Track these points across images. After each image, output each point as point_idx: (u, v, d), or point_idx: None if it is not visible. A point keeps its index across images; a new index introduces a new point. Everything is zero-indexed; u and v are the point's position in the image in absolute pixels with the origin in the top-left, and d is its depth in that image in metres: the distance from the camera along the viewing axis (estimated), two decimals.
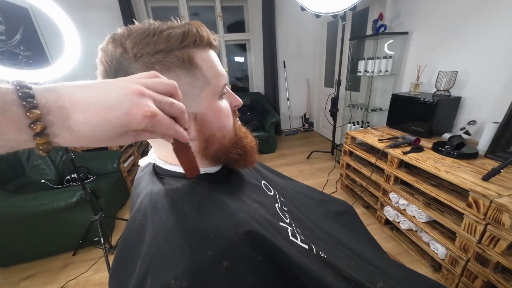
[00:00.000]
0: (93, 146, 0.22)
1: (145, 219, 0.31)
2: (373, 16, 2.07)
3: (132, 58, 0.29)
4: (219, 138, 0.36)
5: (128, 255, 0.31)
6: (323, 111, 3.35)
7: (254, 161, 0.42)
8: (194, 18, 3.26)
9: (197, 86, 0.33)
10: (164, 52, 0.30)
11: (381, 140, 1.54)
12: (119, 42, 0.29)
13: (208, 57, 0.34)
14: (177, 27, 0.31)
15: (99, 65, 0.31)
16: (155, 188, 0.34)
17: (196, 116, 0.34)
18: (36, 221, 1.36)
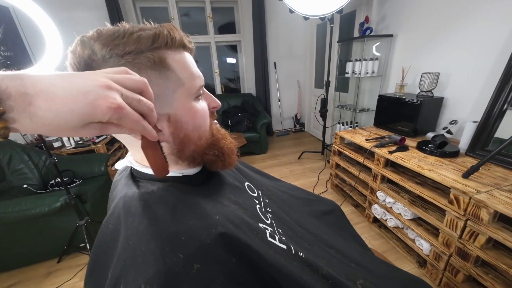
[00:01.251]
0: (56, 136, 0.22)
1: (118, 223, 0.30)
2: (360, 19, 2.12)
3: (100, 60, 0.29)
4: (194, 139, 0.36)
5: (102, 260, 0.31)
6: (313, 111, 3.40)
7: (233, 163, 0.42)
8: (184, 19, 3.23)
9: (169, 87, 0.33)
10: (134, 53, 0.29)
11: (368, 140, 1.58)
12: (88, 44, 0.29)
13: (181, 59, 0.34)
14: (148, 29, 0.31)
15: (69, 68, 0.31)
16: (129, 191, 0.33)
17: (170, 117, 0.33)
18: (18, 228, 1.31)
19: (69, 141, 2.10)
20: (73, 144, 2.11)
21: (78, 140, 2.17)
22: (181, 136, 0.35)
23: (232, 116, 3.06)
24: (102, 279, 0.29)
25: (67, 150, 2.05)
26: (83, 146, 2.10)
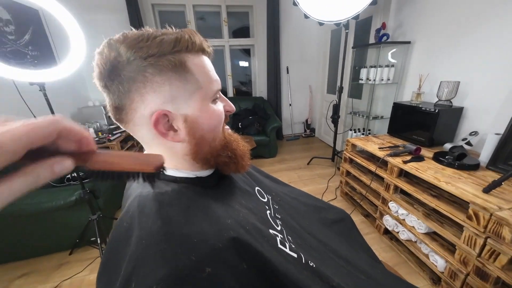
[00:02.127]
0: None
1: (132, 222, 0.31)
2: (376, 25, 2.09)
3: (125, 62, 0.30)
4: (209, 140, 0.37)
5: (114, 257, 0.31)
6: (325, 117, 3.36)
7: (246, 166, 0.42)
8: (200, 23, 3.31)
9: (188, 89, 0.34)
10: (156, 56, 0.31)
11: (382, 148, 1.53)
12: (114, 47, 0.30)
13: (200, 62, 0.35)
14: (170, 34, 0.32)
15: (95, 68, 0.32)
16: (144, 191, 0.34)
17: (187, 117, 0.34)
18: (34, 220, 1.37)
19: None
20: None
21: (94, 137, 2.25)
22: (197, 137, 0.35)
23: (242, 119, 3.08)
24: (114, 275, 0.30)
25: None
26: (99, 143, 2.18)
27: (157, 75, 0.31)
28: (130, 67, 0.30)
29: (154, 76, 0.31)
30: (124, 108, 0.33)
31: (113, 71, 0.31)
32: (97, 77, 0.32)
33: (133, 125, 0.34)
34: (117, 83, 0.31)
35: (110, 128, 2.50)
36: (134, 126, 0.35)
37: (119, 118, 0.35)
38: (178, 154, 0.37)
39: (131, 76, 0.31)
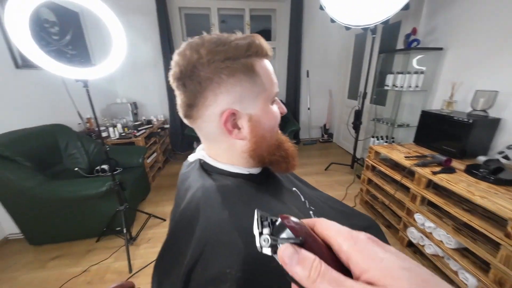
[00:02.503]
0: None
1: (196, 211, 0.33)
2: (405, 30, 2.03)
3: (206, 64, 0.33)
4: (267, 139, 0.39)
5: (177, 242, 0.34)
6: (344, 123, 3.29)
7: (295, 166, 0.44)
8: (222, 25, 3.39)
9: (254, 91, 0.36)
10: (232, 59, 0.33)
11: (408, 157, 1.48)
12: (196, 49, 0.33)
13: (265, 66, 0.37)
14: (242, 39, 0.34)
15: (175, 67, 0.35)
16: (206, 183, 0.36)
17: (251, 117, 0.37)
18: (68, 206, 1.47)
19: (114, 132, 2.31)
20: (117, 135, 2.31)
21: (121, 132, 2.37)
22: (258, 135, 0.38)
23: None
24: (177, 256, 0.33)
25: (112, 140, 2.26)
26: (125, 138, 2.30)
27: (231, 77, 0.34)
28: (209, 68, 0.33)
29: (228, 78, 0.34)
30: (197, 106, 0.36)
31: (194, 72, 0.34)
32: (176, 76, 0.35)
33: (202, 122, 0.37)
34: (195, 83, 0.34)
35: (135, 125, 2.62)
36: (203, 122, 0.37)
37: (189, 114, 0.38)
38: (237, 150, 0.39)
39: (209, 76, 0.33)
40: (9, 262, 1.47)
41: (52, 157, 1.71)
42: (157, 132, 2.79)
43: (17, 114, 1.66)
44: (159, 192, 2.32)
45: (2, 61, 1.58)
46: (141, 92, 3.18)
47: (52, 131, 1.77)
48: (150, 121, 2.88)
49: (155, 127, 2.79)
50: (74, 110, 2.15)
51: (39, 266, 1.43)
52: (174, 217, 0.42)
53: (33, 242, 1.59)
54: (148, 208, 2.00)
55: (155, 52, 3.02)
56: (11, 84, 1.63)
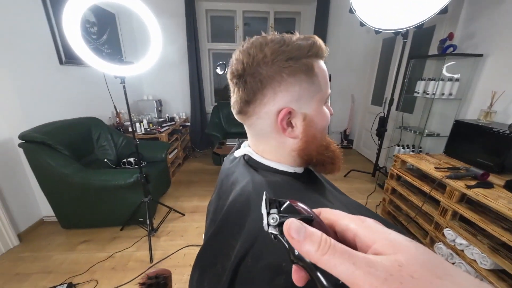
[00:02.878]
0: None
1: (247, 203, 0.34)
2: (440, 35, 1.93)
3: (270, 62, 0.34)
4: (318, 139, 0.40)
5: (224, 235, 0.35)
6: (366, 129, 3.19)
7: (340, 167, 0.44)
8: (245, 28, 3.44)
9: (311, 91, 0.37)
10: (294, 59, 0.34)
11: (439, 168, 1.40)
12: (260, 48, 0.35)
13: (322, 67, 0.38)
14: (304, 39, 0.35)
15: (237, 64, 0.36)
16: (255, 178, 0.37)
17: (306, 116, 0.37)
18: (98, 194, 1.56)
19: (140, 127, 2.43)
20: (143, 131, 2.43)
21: (146, 128, 2.49)
22: (310, 135, 0.38)
23: None
24: (224, 247, 0.34)
25: (138, 135, 2.37)
26: (150, 133, 2.40)
27: (291, 76, 0.35)
28: (272, 67, 0.34)
29: (289, 77, 0.35)
30: (254, 103, 0.37)
31: (257, 70, 0.35)
32: (238, 73, 0.36)
33: (257, 118, 0.38)
34: (257, 80, 0.35)
35: (159, 121, 2.73)
36: (258, 119, 0.38)
37: (244, 110, 0.39)
38: (286, 148, 0.40)
39: (271, 75, 0.35)
40: (44, 242, 1.59)
41: (85, 148, 1.83)
42: (179, 129, 2.89)
43: (59, 106, 1.81)
44: (178, 187, 2.39)
45: (49, 58, 1.73)
46: (165, 90, 3.31)
47: (87, 123, 1.90)
48: (173, 119, 2.98)
49: (177, 125, 2.89)
50: (106, 104, 2.30)
51: (70, 248, 1.54)
52: (217, 209, 0.44)
53: (65, 225, 1.71)
54: (168, 202, 2.07)
55: (181, 52, 3.13)
56: (55, 79, 1.77)
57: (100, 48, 2.30)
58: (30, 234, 1.66)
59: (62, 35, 1.76)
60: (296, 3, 3.19)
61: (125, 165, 2.00)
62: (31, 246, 1.55)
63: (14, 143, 1.50)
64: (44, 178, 1.50)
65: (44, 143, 1.44)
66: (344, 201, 0.70)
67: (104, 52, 2.35)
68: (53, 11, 1.71)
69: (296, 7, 3.24)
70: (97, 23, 2.24)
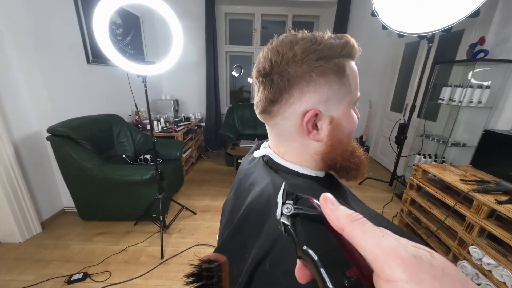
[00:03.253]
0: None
1: (267, 205, 0.33)
2: (469, 40, 1.83)
3: (299, 61, 0.33)
4: (344, 144, 0.38)
5: (242, 235, 0.35)
6: (384, 136, 3.07)
7: (364, 174, 0.42)
8: (263, 31, 3.46)
9: (341, 93, 0.35)
10: (325, 59, 0.33)
11: (465, 181, 1.31)
12: (290, 47, 0.33)
13: (354, 68, 0.36)
14: (336, 38, 0.34)
15: (265, 62, 0.35)
16: (276, 180, 0.36)
17: (333, 119, 0.36)
18: (116, 188, 1.62)
19: (157, 125, 2.51)
20: (160, 129, 2.50)
21: (163, 126, 2.56)
22: (336, 139, 0.36)
23: None
24: (240, 248, 0.34)
25: (155, 133, 2.44)
26: (167, 132, 2.47)
27: (321, 77, 0.33)
28: (302, 67, 0.33)
29: (318, 77, 0.33)
30: (280, 102, 0.36)
31: (286, 68, 0.33)
32: (265, 71, 0.35)
33: (281, 119, 0.37)
34: (285, 79, 0.34)
35: (176, 120, 2.80)
36: (282, 119, 0.37)
37: (269, 110, 0.37)
38: (309, 151, 0.38)
39: (300, 74, 0.33)
40: (64, 231, 1.67)
41: (106, 143, 1.91)
42: (194, 129, 2.95)
43: (84, 102, 1.91)
44: (191, 186, 2.43)
45: (78, 57, 1.84)
46: (183, 91, 3.40)
47: (108, 119, 1.99)
48: (189, 118, 3.05)
49: (193, 124, 2.95)
50: (127, 102, 2.40)
51: (87, 239, 1.60)
52: (233, 210, 0.43)
53: (83, 216, 1.78)
54: (180, 199, 2.10)
55: (199, 53, 3.21)
56: (82, 77, 1.88)
57: (124, 48, 2.41)
58: (52, 223, 1.75)
59: (90, 36, 1.86)
60: (315, 7, 3.16)
61: (141, 161, 2.06)
62: (52, 234, 1.64)
63: (42, 136, 1.60)
64: (67, 170, 1.58)
65: (69, 137, 1.52)
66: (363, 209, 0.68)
67: (127, 52, 2.46)
68: (84, 13, 1.82)
69: (315, 10, 3.22)
70: (122, 25, 2.35)
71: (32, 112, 1.59)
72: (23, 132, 1.55)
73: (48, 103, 1.63)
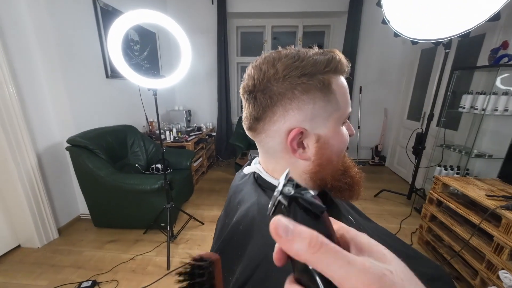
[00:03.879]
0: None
1: (250, 227, 0.32)
2: (491, 44, 1.72)
3: (281, 79, 0.32)
4: (334, 163, 0.36)
5: (225, 256, 0.33)
6: (401, 146, 2.93)
7: (359, 194, 0.39)
8: (274, 42, 3.51)
9: (327, 110, 0.34)
10: (309, 75, 0.32)
11: (491, 196, 1.20)
12: (272, 64, 0.33)
13: (342, 84, 0.34)
14: (321, 54, 0.33)
15: (248, 80, 0.35)
16: (262, 199, 0.35)
17: (320, 138, 0.34)
18: (127, 197, 1.67)
19: (170, 135, 2.58)
20: (172, 139, 2.57)
21: (175, 136, 2.63)
22: (324, 158, 0.35)
23: None
24: (225, 270, 0.32)
25: (167, 143, 2.52)
26: (178, 141, 2.53)
27: (304, 94, 0.32)
28: (284, 84, 0.32)
29: (302, 94, 0.32)
30: (264, 120, 0.35)
31: (268, 86, 0.33)
32: (249, 89, 0.35)
33: (266, 136, 0.36)
34: (267, 97, 0.33)
35: (187, 130, 2.88)
36: (267, 137, 0.36)
37: (254, 127, 0.37)
38: (297, 170, 0.37)
39: (282, 92, 0.32)
40: (79, 237, 1.74)
41: (121, 152, 2.00)
42: (205, 138, 3.00)
43: (102, 113, 2.02)
44: (200, 195, 2.44)
45: (98, 72, 1.97)
46: (195, 101, 3.50)
47: (124, 130, 2.08)
48: (200, 128, 3.11)
49: (204, 134, 3.00)
50: (142, 113, 2.50)
51: (98, 246, 1.65)
52: (223, 228, 0.42)
53: (96, 224, 1.84)
54: (189, 209, 2.11)
55: (211, 65, 3.31)
56: (101, 90, 2.00)
57: (141, 63, 2.55)
58: (68, 229, 1.83)
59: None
60: (325, 17, 3.17)
61: (153, 170, 2.12)
62: (67, 240, 1.71)
63: (63, 146, 1.71)
64: (83, 179, 1.66)
65: (86, 147, 1.61)
66: (368, 227, 0.63)
67: (144, 66, 2.60)
68: (104, 32, 1.96)
69: (325, 20, 3.23)
70: (140, 42, 2.50)
71: (54, 123, 1.71)
72: (46, 143, 1.66)
73: (70, 115, 1.74)
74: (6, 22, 1.37)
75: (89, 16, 1.85)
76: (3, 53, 1.34)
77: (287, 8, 3.02)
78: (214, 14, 3.06)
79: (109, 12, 2.01)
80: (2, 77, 1.35)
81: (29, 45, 1.51)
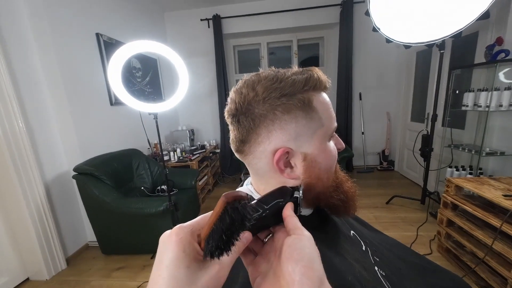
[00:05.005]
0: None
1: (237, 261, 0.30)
2: (485, 42, 1.72)
3: (261, 101, 0.33)
4: (323, 180, 0.35)
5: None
6: (408, 148, 2.86)
7: (355, 209, 0.38)
8: (271, 57, 3.61)
9: (311, 128, 0.34)
10: (288, 95, 0.32)
11: (509, 196, 1.13)
12: (252, 87, 0.33)
13: (323, 100, 0.35)
14: (299, 73, 0.33)
15: (231, 104, 0.36)
16: None
17: (306, 156, 0.34)
18: (133, 221, 1.66)
19: (174, 156, 2.61)
20: (176, 159, 2.60)
21: (179, 156, 2.66)
22: (313, 176, 0.34)
23: None
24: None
25: (171, 163, 2.54)
26: (183, 161, 2.55)
27: (286, 114, 0.32)
28: (264, 106, 0.33)
29: (283, 115, 0.32)
30: (249, 142, 0.35)
31: (249, 109, 0.33)
32: (232, 112, 0.36)
33: (253, 158, 0.36)
34: (249, 119, 0.34)
35: (191, 149, 2.90)
36: (254, 158, 0.36)
37: (241, 149, 0.37)
38: None
39: (263, 113, 0.33)
40: (86, 266, 1.72)
41: (126, 176, 2.02)
42: (209, 156, 3.01)
43: (108, 139, 2.08)
44: None
45: (103, 100, 2.05)
46: (198, 120, 3.57)
47: (128, 154, 2.12)
48: (204, 146, 3.14)
49: (208, 152, 3.02)
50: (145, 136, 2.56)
51: (106, 274, 1.62)
52: None
53: (104, 251, 1.83)
54: None
55: (211, 85, 3.41)
56: (106, 117, 2.07)
57: (144, 88, 2.65)
58: (76, 258, 1.82)
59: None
60: (318, 29, 3.27)
61: (159, 192, 2.12)
62: (75, 270, 1.69)
63: (70, 175, 1.74)
64: (90, 206, 1.67)
65: (92, 174, 1.64)
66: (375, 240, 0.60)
67: (146, 91, 2.69)
68: (108, 61, 2.06)
69: (318, 32, 3.32)
70: (141, 68, 2.62)
71: (62, 153, 1.77)
72: (54, 172, 1.70)
73: (77, 143, 1.79)
74: (16, 59, 1.46)
75: (93, 50, 1.97)
76: (13, 90, 1.42)
77: (280, 25, 3.14)
78: (211, 37, 3.20)
79: (112, 44, 2.14)
80: (12, 112, 1.42)
81: (37, 79, 1.60)
